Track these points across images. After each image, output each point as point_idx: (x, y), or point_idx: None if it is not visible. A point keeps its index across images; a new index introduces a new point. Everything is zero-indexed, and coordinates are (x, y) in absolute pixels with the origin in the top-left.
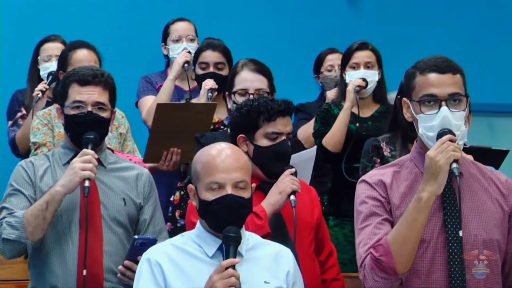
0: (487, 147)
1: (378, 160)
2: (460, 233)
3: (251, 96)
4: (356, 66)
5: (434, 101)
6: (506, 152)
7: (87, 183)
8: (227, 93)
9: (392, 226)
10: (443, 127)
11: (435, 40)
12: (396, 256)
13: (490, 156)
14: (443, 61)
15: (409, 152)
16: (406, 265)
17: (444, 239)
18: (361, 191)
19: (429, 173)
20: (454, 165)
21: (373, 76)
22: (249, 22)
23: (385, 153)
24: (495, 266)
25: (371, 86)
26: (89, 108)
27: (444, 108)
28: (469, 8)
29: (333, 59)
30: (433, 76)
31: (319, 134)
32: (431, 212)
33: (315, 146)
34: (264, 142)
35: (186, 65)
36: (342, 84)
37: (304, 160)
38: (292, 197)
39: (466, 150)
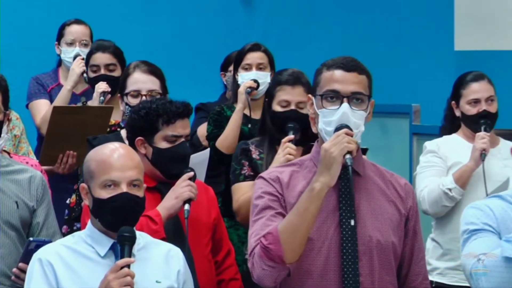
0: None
1: (246, 163)
2: (352, 222)
3: (144, 98)
4: (248, 67)
5: (337, 97)
6: (365, 150)
7: None
8: (119, 95)
9: None
10: (342, 123)
11: (327, 42)
12: (284, 245)
13: None
14: (351, 60)
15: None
16: (294, 254)
17: (339, 240)
18: (258, 186)
19: (323, 165)
20: (348, 156)
21: (265, 78)
22: (143, 22)
23: (254, 156)
24: (389, 268)
25: (263, 87)
26: None
27: (345, 105)
28: (362, 9)
29: None
30: (338, 73)
31: (212, 137)
32: (327, 212)
33: (209, 148)
34: (163, 145)
35: (85, 75)
36: (234, 86)
37: (198, 162)
38: (186, 206)
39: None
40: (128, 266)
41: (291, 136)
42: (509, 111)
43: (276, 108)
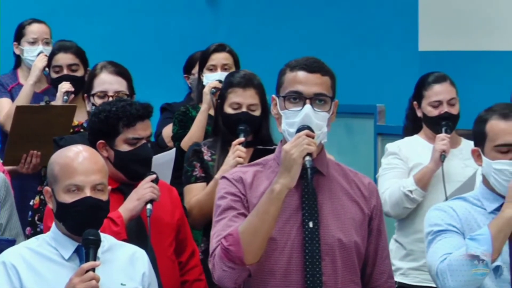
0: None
1: (198, 165)
2: (311, 224)
3: (110, 99)
4: (213, 68)
5: (299, 98)
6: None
7: None
8: (85, 95)
9: None
10: (304, 124)
11: (292, 42)
12: (245, 246)
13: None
14: (314, 61)
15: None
16: (254, 255)
17: (302, 239)
18: (222, 186)
19: (283, 166)
20: (307, 158)
21: None
22: (108, 22)
23: (205, 157)
24: (352, 267)
25: None
26: None
27: (307, 106)
28: (326, 10)
29: None
30: (301, 74)
31: (177, 137)
32: (289, 212)
33: (174, 148)
34: (124, 147)
35: (47, 69)
36: (199, 86)
37: (163, 162)
38: (148, 206)
39: None
40: (93, 269)
41: (241, 138)
42: (472, 111)
43: (228, 110)
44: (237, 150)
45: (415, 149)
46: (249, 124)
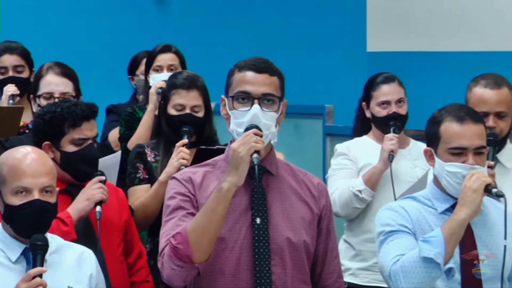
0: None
1: (141, 166)
2: (258, 220)
3: (56, 100)
4: (159, 69)
5: (248, 98)
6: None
7: None
8: (31, 96)
9: None
10: (252, 123)
11: (240, 42)
12: (193, 245)
13: (211, 155)
14: (262, 62)
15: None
16: (203, 254)
17: (251, 239)
18: (171, 187)
19: (231, 164)
20: (255, 155)
21: None
22: (55, 22)
23: (149, 159)
24: (302, 266)
25: None
26: None
27: (255, 106)
28: (274, 10)
29: None
30: (249, 74)
31: (124, 138)
32: (239, 212)
33: (119, 152)
34: (70, 148)
35: None
36: (146, 87)
37: (109, 165)
38: (98, 208)
39: None
40: (40, 275)
41: (185, 140)
42: (420, 111)
43: (171, 111)
44: (181, 152)
45: (364, 150)
46: (192, 126)
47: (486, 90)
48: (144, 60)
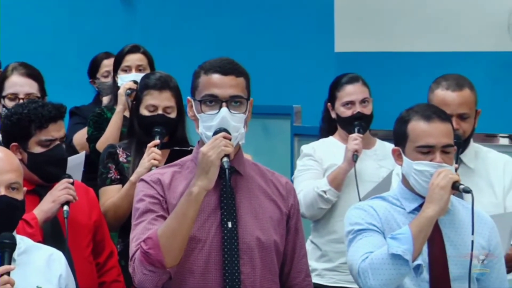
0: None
1: (113, 166)
2: (229, 224)
3: (21, 101)
4: (127, 69)
5: (215, 101)
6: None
7: None
8: None
9: None
10: (221, 127)
11: (208, 42)
12: (164, 249)
13: (178, 155)
14: (228, 63)
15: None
16: (174, 258)
17: (220, 239)
18: (140, 189)
19: (200, 168)
20: (225, 159)
21: None
22: (20, 22)
23: (121, 159)
24: (271, 266)
25: None
26: None
27: (224, 109)
28: (242, 10)
29: (110, 65)
30: (216, 77)
31: (93, 139)
32: (208, 212)
33: (84, 152)
34: (38, 149)
35: None
36: (114, 88)
37: (73, 165)
38: (65, 207)
39: None
40: (8, 273)
41: (156, 141)
42: (386, 112)
43: (144, 112)
44: (152, 152)
45: (330, 150)
46: (164, 126)
47: (448, 92)
48: (104, 63)
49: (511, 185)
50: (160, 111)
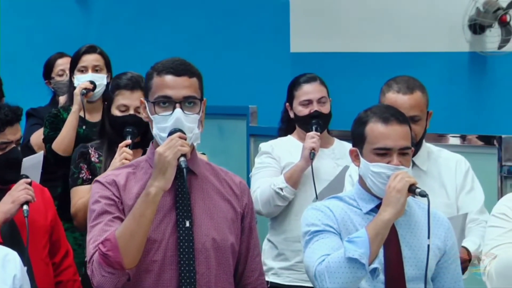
0: None
1: (85, 166)
2: (187, 223)
3: None
4: (84, 70)
5: (169, 102)
6: None
7: None
8: None
9: None
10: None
11: (164, 42)
12: (123, 251)
13: None
14: (180, 63)
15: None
16: (133, 260)
17: (176, 239)
18: (95, 191)
19: (157, 169)
20: (182, 158)
21: (101, 80)
22: None
23: (93, 159)
24: (226, 266)
25: (99, 89)
26: None
27: (178, 110)
28: (198, 10)
29: (64, 64)
30: (169, 78)
31: (49, 139)
32: (164, 212)
33: (42, 151)
34: None
35: None
36: (71, 88)
37: (31, 165)
38: (25, 207)
39: None
40: None
41: (128, 141)
42: (341, 112)
43: (115, 112)
44: (124, 152)
45: (288, 149)
46: (136, 126)
47: (399, 95)
48: (58, 62)
49: (463, 184)
50: (131, 111)
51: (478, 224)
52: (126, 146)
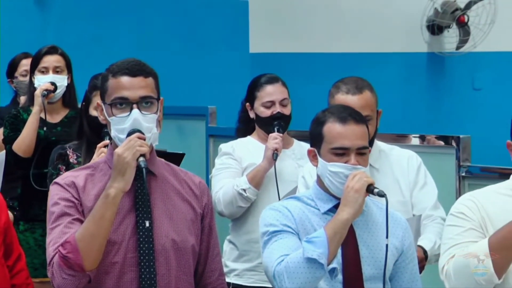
0: (163, 150)
1: (64, 168)
2: (147, 224)
3: None
4: (45, 71)
5: (126, 103)
6: (182, 155)
7: None
8: None
9: None
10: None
11: (123, 42)
12: (83, 253)
13: (168, 160)
14: (135, 64)
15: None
16: (93, 261)
17: (136, 240)
18: (54, 193)
19: (116, 170)
20: (141, 158)
21: (62, 81)
22: None
23: (71, 160)
24: (186, 267)
25: (60, 90)
26: None
27: (135, 111)
28: (156, 11)
29: (28, 64)
30: (125, 79)
31: (9, 140)
32: (123, 213)
33: (4, 151)
34: None
35: None
36: (31, 88)
37: None
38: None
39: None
40: None
41: (106, 141)
42: (301, 113)
43: (93, 113)
44: (102, 153)
45: (249, 150)
46: None
47: (348, 96)
48: (22, 62)
49: (416, 180)
50: None
51: (433, 221)
52: (104, 146)
